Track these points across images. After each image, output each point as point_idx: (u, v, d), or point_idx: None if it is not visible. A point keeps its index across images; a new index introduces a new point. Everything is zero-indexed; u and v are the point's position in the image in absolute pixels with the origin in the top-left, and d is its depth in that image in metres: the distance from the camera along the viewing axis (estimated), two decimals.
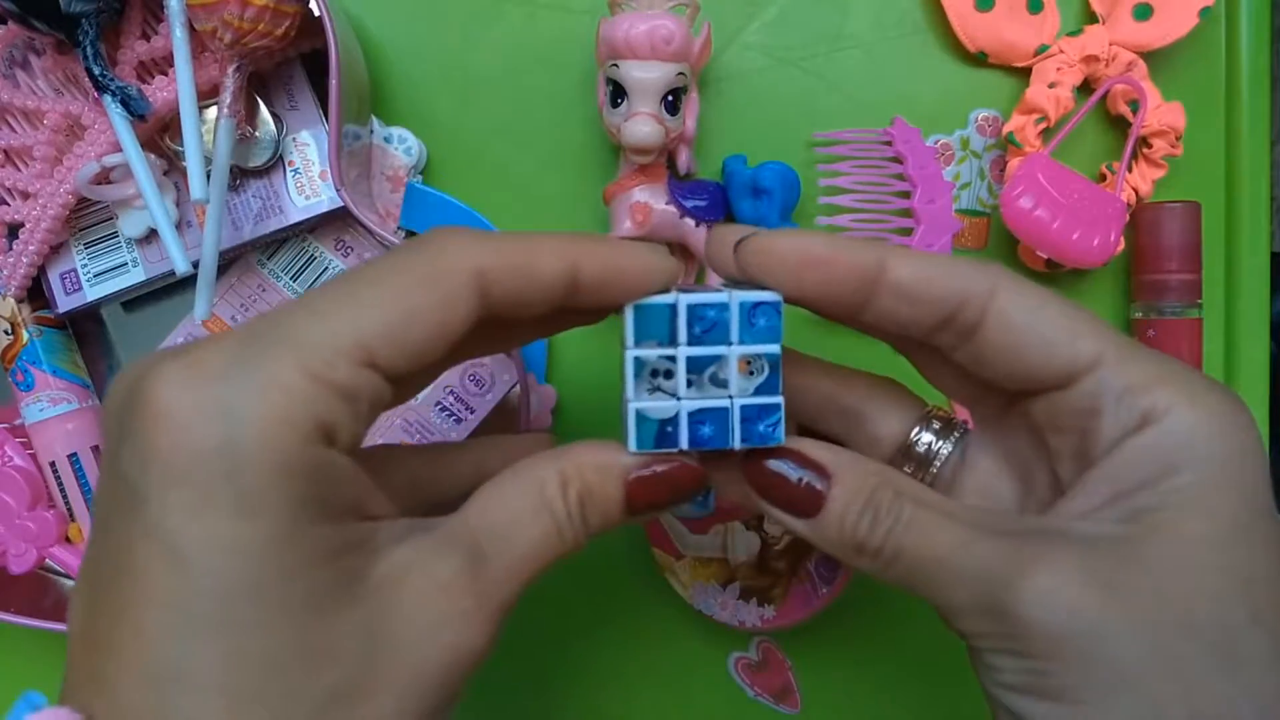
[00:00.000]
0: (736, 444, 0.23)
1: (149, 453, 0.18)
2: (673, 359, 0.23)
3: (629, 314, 0.23)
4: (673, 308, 0.23)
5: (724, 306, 0.23)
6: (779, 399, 0.23)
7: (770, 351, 0.23)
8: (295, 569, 0.18)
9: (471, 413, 0.40)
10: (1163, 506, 0.21)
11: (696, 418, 0.23)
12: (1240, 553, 0.20)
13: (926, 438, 0.27)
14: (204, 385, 0.18)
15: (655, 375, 0.23)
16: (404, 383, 0.22)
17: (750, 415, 0.23)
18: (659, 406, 0.23)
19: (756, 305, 0.23)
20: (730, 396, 0.23)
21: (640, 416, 0.23)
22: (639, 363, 0.23)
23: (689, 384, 0.23)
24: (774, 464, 0.23)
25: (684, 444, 0.23)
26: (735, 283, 0.25)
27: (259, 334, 0.19)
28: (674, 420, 0.23)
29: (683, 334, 0.23)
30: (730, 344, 0.23)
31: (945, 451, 0.26)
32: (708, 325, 0.23)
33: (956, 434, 0.27)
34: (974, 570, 0.21)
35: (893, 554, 0.22)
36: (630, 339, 0.23)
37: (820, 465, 0.23)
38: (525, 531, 0.22)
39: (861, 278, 0.23)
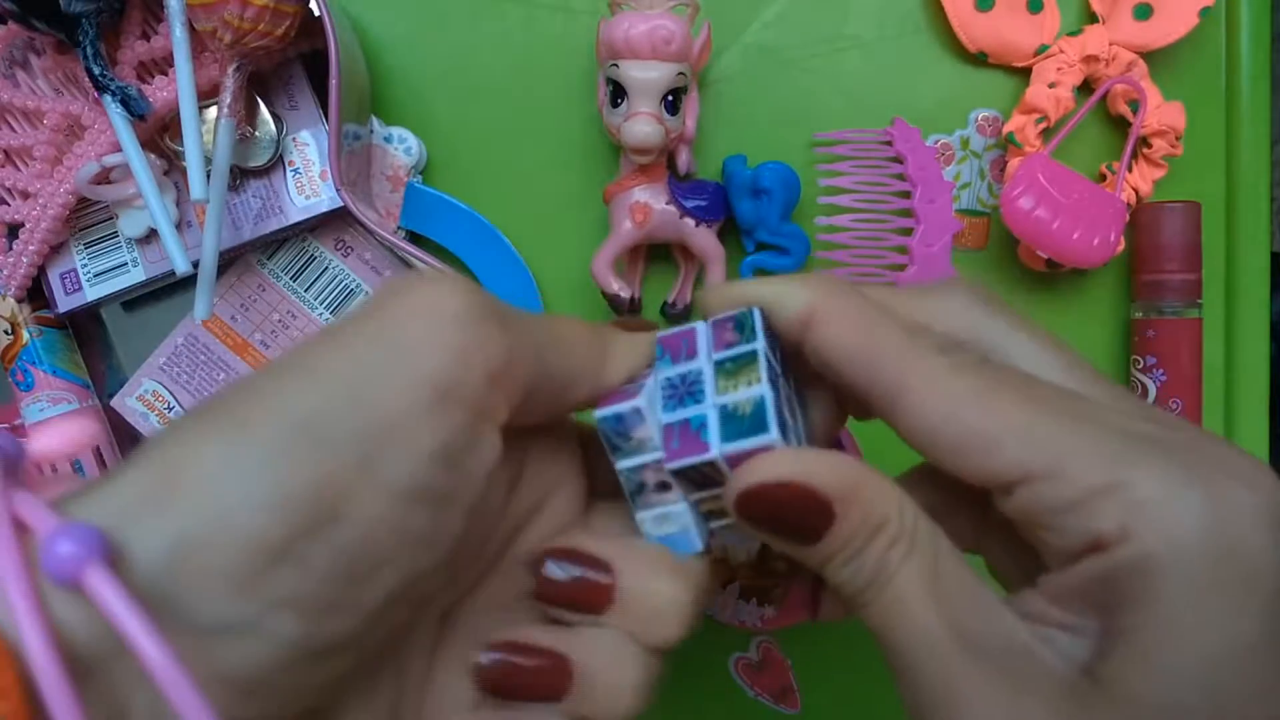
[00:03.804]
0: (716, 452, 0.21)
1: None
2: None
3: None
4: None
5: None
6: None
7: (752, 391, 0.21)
8: None
9: None
10: (1121, 658, 0.17)
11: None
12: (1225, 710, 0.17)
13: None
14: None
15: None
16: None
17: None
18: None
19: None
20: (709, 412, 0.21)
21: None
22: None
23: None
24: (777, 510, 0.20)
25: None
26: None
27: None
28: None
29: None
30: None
31: None
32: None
33: None
34: (933, 682, 0.19)
35: (866, 608, 0.20)
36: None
37: (822, 502, 0.19)
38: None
39: (789, 327, 0.22)
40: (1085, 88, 0.40)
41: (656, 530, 0.22)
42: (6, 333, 0.40)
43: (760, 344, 0.21)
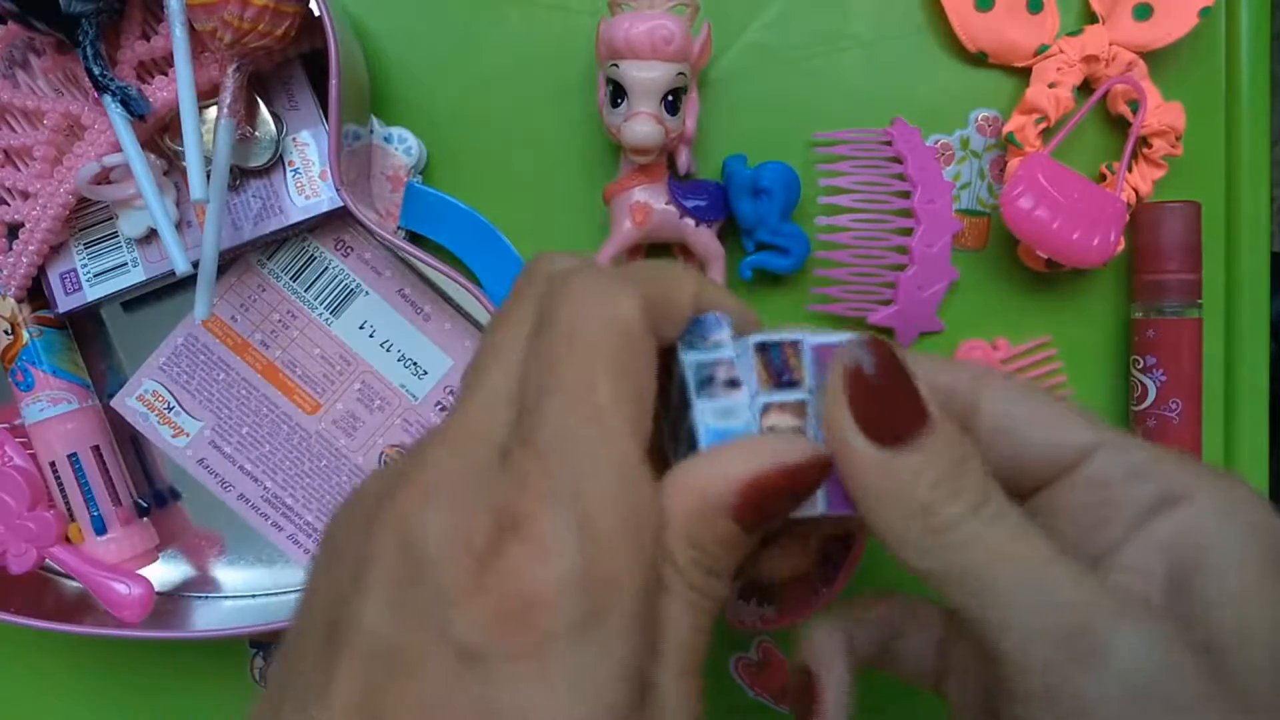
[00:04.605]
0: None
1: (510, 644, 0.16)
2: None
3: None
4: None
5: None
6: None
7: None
8: None
9: None
10: (1213, 593, 0.19)
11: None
12: None
13: None
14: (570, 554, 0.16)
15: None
16: None
17: None
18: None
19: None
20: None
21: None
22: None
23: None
24: (874, 371, 0.20)
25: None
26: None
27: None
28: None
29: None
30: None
31: None
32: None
33: None
34: (1058, 602, 0.19)
35: (963, 542, 0.19)
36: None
37: (923, 406, 0.20)
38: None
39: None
40: (1085, 88, 0.40)
41: (717, 423, 0.22)
42: (6, 333, 0.40)
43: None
